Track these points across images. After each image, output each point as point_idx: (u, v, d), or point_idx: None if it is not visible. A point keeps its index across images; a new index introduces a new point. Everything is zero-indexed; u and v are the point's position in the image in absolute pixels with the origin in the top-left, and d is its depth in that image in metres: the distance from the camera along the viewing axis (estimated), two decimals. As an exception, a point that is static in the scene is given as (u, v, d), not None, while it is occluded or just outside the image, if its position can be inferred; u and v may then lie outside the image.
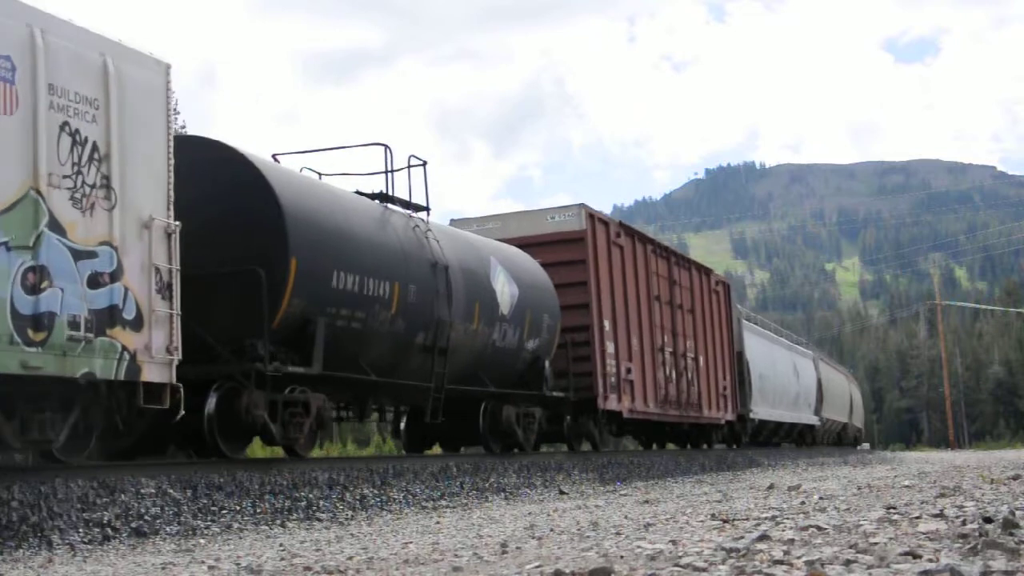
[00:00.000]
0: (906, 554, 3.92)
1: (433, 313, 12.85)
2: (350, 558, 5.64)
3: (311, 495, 9.85)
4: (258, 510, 9.09)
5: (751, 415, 27.38)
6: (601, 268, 17.82)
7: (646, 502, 9.98)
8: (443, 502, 11.27)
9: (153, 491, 8.36)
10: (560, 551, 5.12)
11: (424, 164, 13.66)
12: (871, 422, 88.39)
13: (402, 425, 15.83)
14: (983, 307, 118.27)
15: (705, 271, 24.57)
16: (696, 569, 3.87)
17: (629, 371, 18.37)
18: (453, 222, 17.91)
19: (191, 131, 36.13)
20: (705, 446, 25.23)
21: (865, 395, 76.16)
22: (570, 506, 9.95)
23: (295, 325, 10.73)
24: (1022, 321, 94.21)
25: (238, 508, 8.92)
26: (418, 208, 13.67)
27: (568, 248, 17.45)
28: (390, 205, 13.18)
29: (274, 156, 12.48)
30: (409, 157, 13.62)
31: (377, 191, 13.28)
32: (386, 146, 13.11)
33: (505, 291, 14.66)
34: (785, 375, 32.95)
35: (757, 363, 28.50)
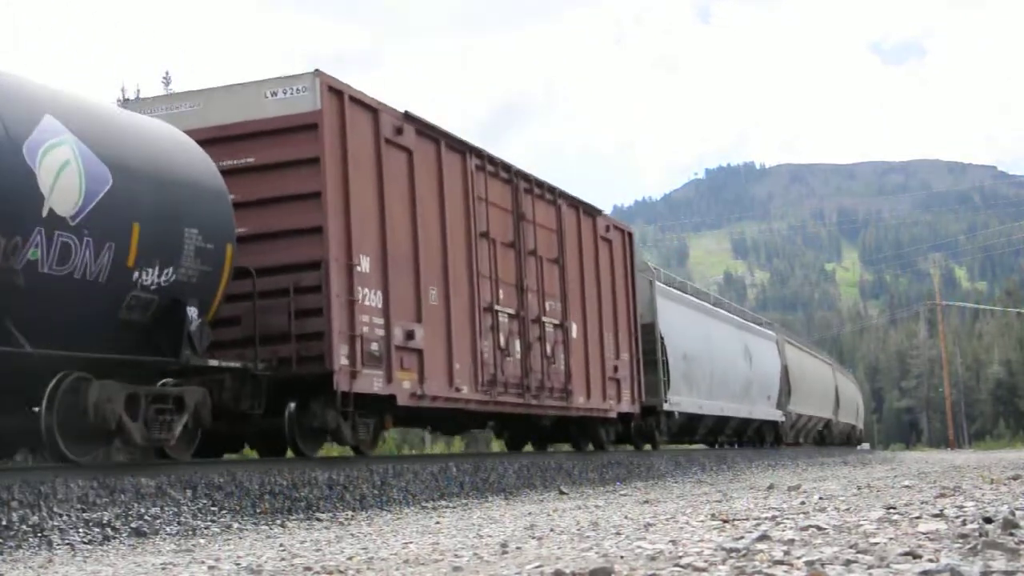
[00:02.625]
0: (906, 554, 3.92)
1: None
2: (350, 558, 5.64)
3: (311, 495, 9.85)
4: (258, 510, 9.11)
5: (668, 406, 21.22)
6: (356, 175, 11.76)
7: (646, 502, 9.99)
8: (443, 502, 11.28)
9: (153, 491, 8.36)
10: (560, 551, 5.12)
11: None
12: (871, 422, 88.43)
13: None
14: (983, 307, 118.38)
15: (588, 210, 18.22)
16: (696, 569, 3.87)
17: (412, 336, 12.40)
18: (127, 103, 12.19)
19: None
20: (594, 447, 18.81)
21: (865, 392, 76.03)
22: (570, 506, 9.95)
23: None
24: (1022, 321, 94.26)
25: (238, 508, 8.93)
26: None
27: (293, 141, 11.44)
28: None
29: None
30: None
31: None
32: None
33: (70, 176, 8.58)
34: (728, 357, 26.68)
35: (680, 340, 22.66)
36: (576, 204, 17.74)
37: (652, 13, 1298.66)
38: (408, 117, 12.96)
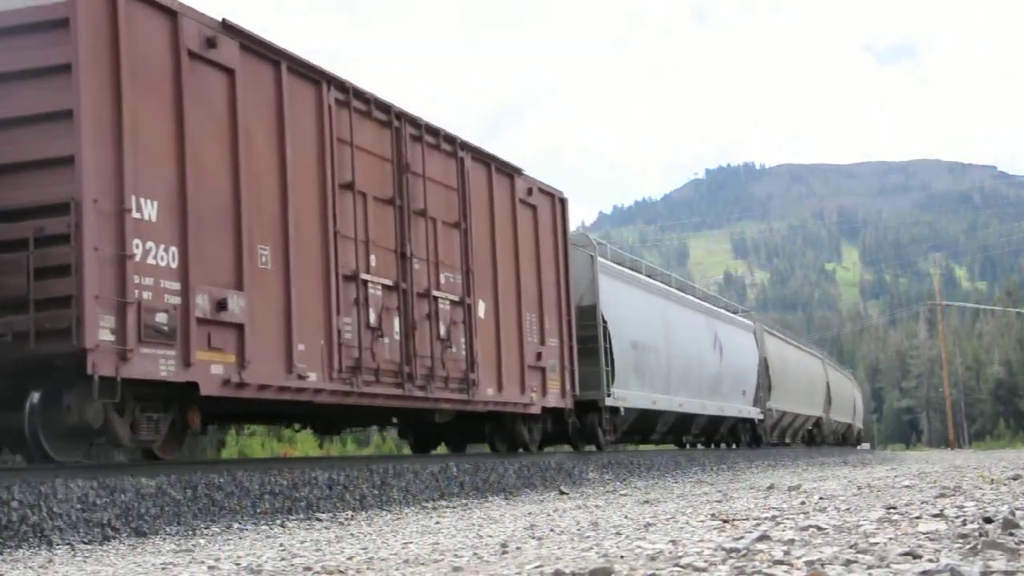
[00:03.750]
0: (906, 554, 3.92)
1: None
2: (350, 558, 5.64)
3: (311, 495, 9.86)
4: (258, 510, 9.11)
5: (611, 401, 18.41)
6: (135, 93, 8.98)
7: (646, 502, 9.99)
8: (443, 502, 11.29)
9: (153, 491, 8.36)
10: (560, 551, 5.12)
11: None
12: (871, 422, 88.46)
13: None
14: (983, 307, 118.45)
15: (503, 168, 15.35)
16: (696, 569, 3.87)
17: (225, 306, 9.62)
18: None
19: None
20: (521, 449, 16.17)
21: (864, 389, 75.98)
22: (570, 506, 9.95)
23: None
24: (1022, 321, 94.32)
25: (238, 508, 8.94)
26: None
27: (39, 43, 8.73)
28: None
29: None
30: None
31: None
32: None
33: None
34: (692, 347, 23.73)
35: (628, 325, 19.81)
36: (486, 159, 14.85)
37: (651, 14, 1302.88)
38: (227, 27, 10.07)
